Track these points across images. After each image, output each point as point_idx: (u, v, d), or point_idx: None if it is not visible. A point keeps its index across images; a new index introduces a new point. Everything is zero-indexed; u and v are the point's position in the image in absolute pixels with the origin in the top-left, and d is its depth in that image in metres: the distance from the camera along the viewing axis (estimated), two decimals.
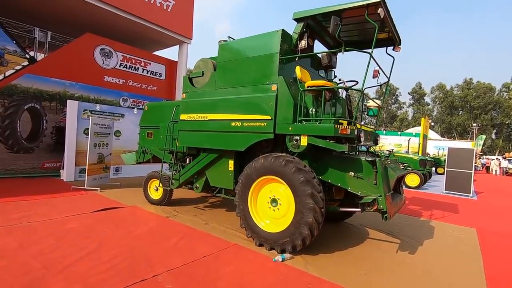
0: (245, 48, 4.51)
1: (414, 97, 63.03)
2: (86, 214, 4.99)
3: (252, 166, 4.04)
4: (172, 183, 5.61)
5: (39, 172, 8.61)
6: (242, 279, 3.04)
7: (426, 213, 6.90)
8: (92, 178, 7.19)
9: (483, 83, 55.21)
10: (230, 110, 4.45)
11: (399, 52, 4.71)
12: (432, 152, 24.48)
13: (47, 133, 8.83)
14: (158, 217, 5.21)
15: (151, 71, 11.55)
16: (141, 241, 3.95)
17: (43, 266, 3.01)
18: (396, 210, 3.95)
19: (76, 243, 3.68)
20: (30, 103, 8.40)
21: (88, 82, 9.57)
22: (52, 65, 8.82)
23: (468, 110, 56.24)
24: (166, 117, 5.88)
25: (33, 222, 4.39)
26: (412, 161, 12.14)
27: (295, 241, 3.60)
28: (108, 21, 10.49)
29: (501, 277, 3.59)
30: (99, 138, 7.39)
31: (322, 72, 5.33)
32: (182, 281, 2.90)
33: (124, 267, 3.12)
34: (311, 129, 3.74)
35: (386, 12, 3.69)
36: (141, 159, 6.86)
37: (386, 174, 3.81)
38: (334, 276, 3.23)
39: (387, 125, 61.79)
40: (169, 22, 11.43)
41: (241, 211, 4.13)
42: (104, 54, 9.95)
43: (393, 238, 4.80)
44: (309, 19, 4.20)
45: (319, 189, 3.58)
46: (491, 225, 6.24)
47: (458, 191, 10.31)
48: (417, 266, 3.70)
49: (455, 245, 4.70)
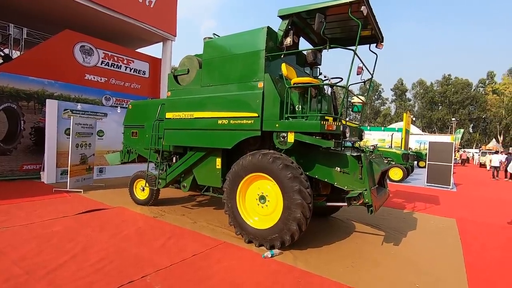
0: (230, 45, 4.49)
1: (396, 93, 64.64)
2: (69, 217, 4.84)
3: (240, 163, 4.04)
4: (159, 183, 5.53)
5: (18, 174, 8.26)
6: (232, 277, 3.05)
7: (409, 206, 7.13)
8: (75, 179, 6.98)
9: (461, 79, 57.31)
10: (217, 108, 4.42)
11: (382, 49, 4.83)
12: (414, 146, 25.24)
13: (26, 134, 8.47)
14: (145, 217, 5.13)
15: (135, 69, 11.30)
16: (128, 242, 3.88)
17: (25, 271, 2.91)
18: (381, 203, 4.06)
19: (60, 247, 3.58)
20: (5, 103, 8.02)
21: (68, 80, 9.23)
22: (29, 63, 8.45)
23: (447, 105, 58.22)
24: (151, 116, 5.77)
25: (13, 227, 4.23)
26: (395, 155, 12.49)
27: (284, 237, 3.64)
28: (88, 18, 10.15)
29: (479, 262, 3.78)
30: (81, 138, 7.17)
31: (308, 69, 5.38)
32: (171, 281, 2.88)
33: (111, 269, 3.06)
34: (298, 126, 3.77)
35: (369, 10, 3.76)
36: (126, 159, 6.71)
37: (371, 169, 3.91)
38: (323, 269, 3.30)
39: (371, 121, 63.16)
40: (152, 18, 11.19)
41: (230, 208, 4.13)
42: (85, 52, 9.63)
43: (379, 230, 4.93)
44: (294, 16, 4.22)
45: (307, 185, 3.63)
46: (469, 215, 6.53)
47: (439, 183, 10.71)
48: (401, 257, 3.83)
49: (437, 235, 4.89)
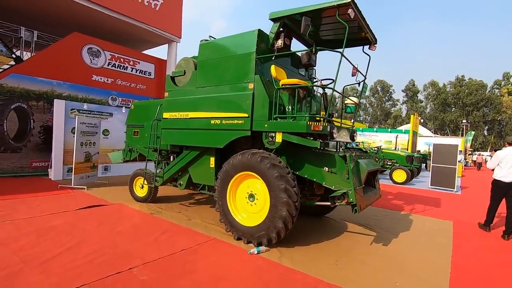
0: (223, 47, 4.62)
1: (407, 95, 63.59)
2: (70, 212, 5.06)
3: (230, 162, 4.16)
4: (157, 180, 5.71)
5: (27, 171, 8.62)
6: (216, 271, 3.16)
7: (408, 208, 7.08)
8: (79, 177, 7.24)
9: (475, 80, 55.92)
10: (210, 108, 4.55)
11: (375, 50, 4.86)
12: (423, 149, 24.81)
13: (35, 133, 8.83)
14: (142, 213, 5.30)
15: (140, 70, 11.58)
16: (122, 236, 4.05)
17: (22, 261, 3.10)
18: (368, 203, 4.09)
19: (57, 240, 3.76)
20: (16, 102, 8.40)
21: (76, 81, 9.58)
22: (39, 65, 8.81)
23: (460, 107, 56.90)
24: (151, 116, 5.96)
25: (16, 220, 4.46)
26: (399, 157, 12.37)
27: (271, 234, 3.72)
28: (96, 20, 10.49)
29: (466, 264, 3.77)
30: (85, 137, 7.43)
31: (303, 70, 5.45)
32: (156, 274, 3.01)
33: (102, 261, 3.22)
34: (285, 126, 3.86)
35: (357, 13, 3.81)
36: (128, 158, 6.94)
37: (357, 168, 3.95)
38: (307, 267, 3.36)
39: (381, 123, 62.31)
40: (158, 20, 11.45)
41: (220, 206, 4.25)
42: (92, 53, 9.95)
43: (370, 231, 4.95)
44: (285, 18, 4.31)
45: (293, 184, 3.70)
46: (469, 217, 6.44)
47: (443, 186, 10.54)
48: (388, 257, 3.85)
49: (429, 237, 4.87)
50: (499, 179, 5.06)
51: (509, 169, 4.95)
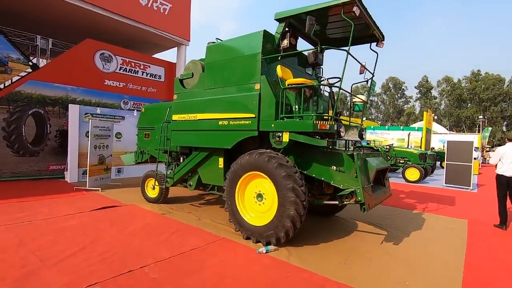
0: (230, 49, 4.67)
1: (421, 91, 62.14)
2: (85, 213, 5.23)
3: (238, 162, 4.20)
4: (167, 182, 5.82)
5: (45, 174, 8.95)
6: (224, 270, 3.21)
7: (421, 206, 6.95)
8: (94, 179, 7.46)
9: (492, 74, 54.07)
10: (218, 110, 4.62)
11: (383, 47, 4.81)
12: (438, 146, 24.19)
13: (51, 137, 9.16)
14: (154, 214, 5.42)
15: (151, 74, 11.81)
16: (134, 236, 4.16)
17: (40, 259, 3.24)
18: (377, 202, 4.05)
19: (73, 239, 3.91)
20: (34, 108, 8.73)
21: (89, 86, 9.87)
22: (54, 71, 9.14)
23: (477, 102, 55.14)
24: (161, 118, 6.09)
25: (34, 221, 4.65)
26: (412, 155, 12.13)
27: (279, 234, 3.74)
28: (107, 27, 10.79)
29: (480, 264, 3.68)
30: (99, 140, 7.65)
31: (310, 69, 5.44)
32: (167, 272, 3.08)
33: (114, 260, 3.32)
34: (292, 126, 3.88)
35: (362, 10, 3.79)
36: (140, 160, 7.09)
37: (366, 167, 3.92)
38: (315, 266, 3.37)
39: (394, 120, 61.13)
40: (167, 25, 11.66)
41: (229, 206, 4.30)
42: (104, 59, 10.23)
43: (381, 230, 4.89)
44: (290, 18, 4.32)
45: (301, 183, 3.71)
46: (485, 215, 6.27)
47: (458, 184, 10.27)
48: (398, 256, 3.80)
49: (442, 236, 4.77)
50: (501, 173, 5.31)
51: (509, 164, 5.19)
